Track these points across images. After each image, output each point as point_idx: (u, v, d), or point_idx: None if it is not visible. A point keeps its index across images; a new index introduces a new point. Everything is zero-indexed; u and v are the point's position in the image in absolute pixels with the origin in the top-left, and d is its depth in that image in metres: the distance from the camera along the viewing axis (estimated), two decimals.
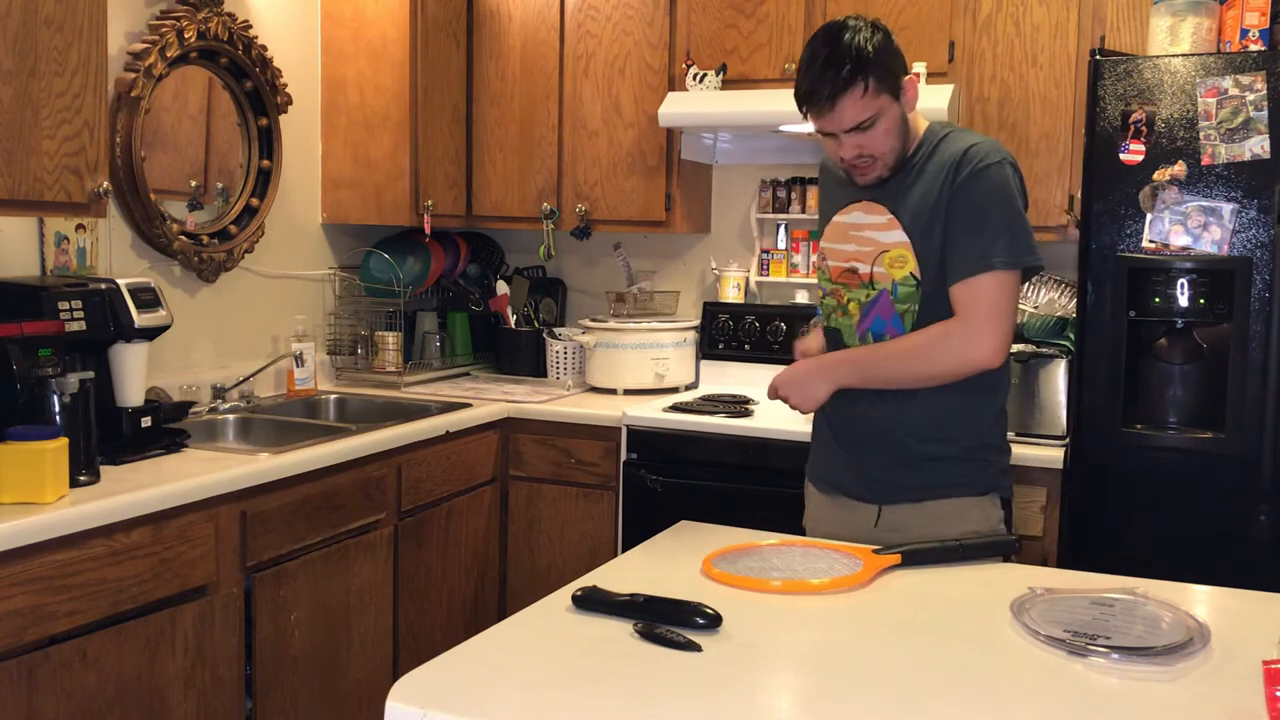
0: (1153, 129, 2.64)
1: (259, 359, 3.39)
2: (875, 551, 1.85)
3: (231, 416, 3.11)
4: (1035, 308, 3.19)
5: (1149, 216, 2.66)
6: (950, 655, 1.49)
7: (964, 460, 2.09)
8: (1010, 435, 2.92)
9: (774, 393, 2.16)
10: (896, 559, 1.83)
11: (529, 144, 3.77)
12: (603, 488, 3.34)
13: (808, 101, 2.01)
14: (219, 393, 3.16)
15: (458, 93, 3.79)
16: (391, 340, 3.71)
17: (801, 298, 3.79)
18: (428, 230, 3.68)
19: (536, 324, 3.96)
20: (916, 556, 1.85)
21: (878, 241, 2.09)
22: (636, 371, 3.63)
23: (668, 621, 1.52)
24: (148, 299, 2.59)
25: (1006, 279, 1.98)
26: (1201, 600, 1.76)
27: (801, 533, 2.21)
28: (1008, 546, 1.92)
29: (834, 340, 2.19)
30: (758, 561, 1.83)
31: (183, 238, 3.10)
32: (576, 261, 4.15)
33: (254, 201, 3.33)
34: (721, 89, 3.45)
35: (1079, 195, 2.85)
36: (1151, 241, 2.66)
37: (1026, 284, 3.36)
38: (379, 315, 3.79)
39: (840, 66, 1.94)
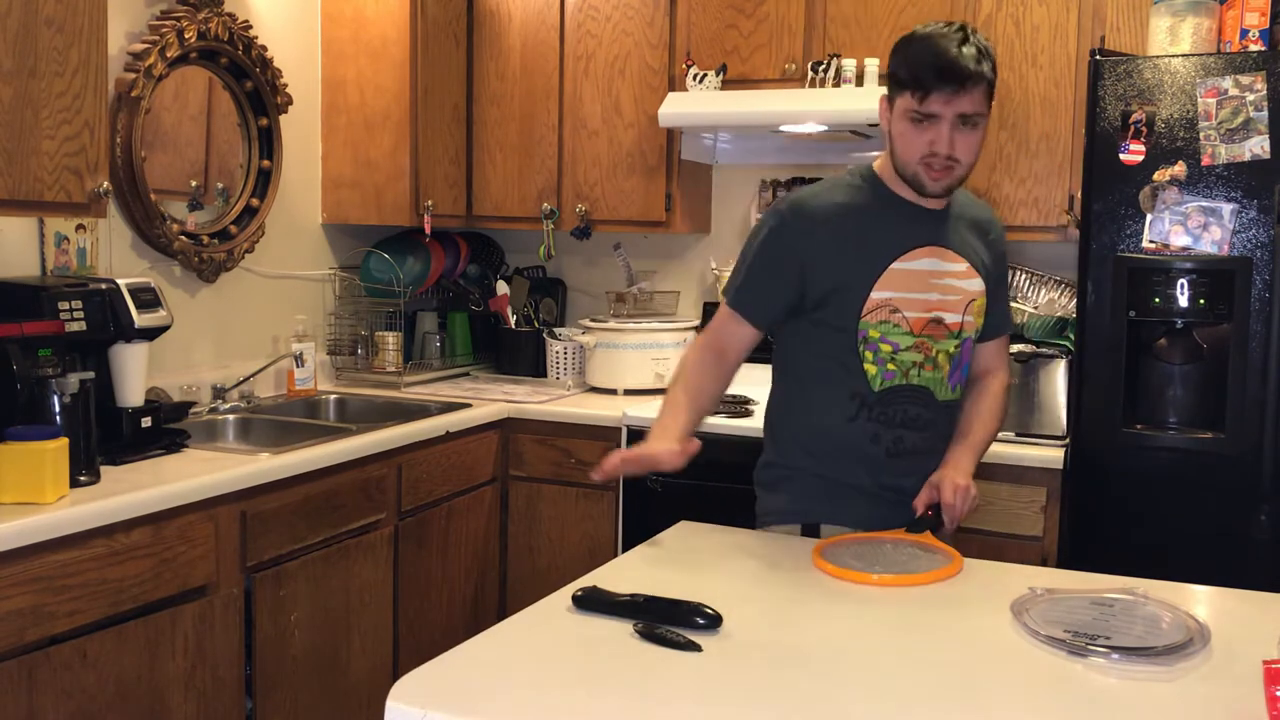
0: (1153, 129, 2.64)
1: (259, 359, 3.39)
2: (908, 529, 1.97)
3: (231, 417, 3.11)
4: (1035, 308, 3.19)
5: (1149, 216, 2.66)
6: (950, 655, 1.49)
7: None
8: (1010, 435, 2.95)
9: (959, 511, 1.98)
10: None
11: (529, 144, 3.77)
12: (603, 488, 3.33)
13: (949, 73, 1.87)
14: (219, 393, 3.16)
15: (458, 93, 3.79)
16: (391, 340, 3.71)
17: None
18: (428, 230, 3.68)
19: (536, 324, 3.96)
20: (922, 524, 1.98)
21: (964, 290, 2.04)
22: (637, 372, 3.63)
23: (668, 621, 1.52)
24: (148, 299, 2.59)
25: None
26: (1201, 600, 1.76)
27: None
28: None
29: (912, 398, 2.02)
30: (862, 556, 1.88)
31: (183, 238, 3.10)
32: (576, 261, 4.15)
33: (254, 201, 3.33)
34: (721, 89, 3.45)
35: (1079, 195, 2.85)
36: (1151, 241, 2.66)
37: (1027, 283, 3.37)
38: (379, 315, 3.79)
39: (982, 58, 1.90)
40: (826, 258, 1.99)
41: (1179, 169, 2.63)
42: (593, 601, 1.60)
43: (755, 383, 3.72)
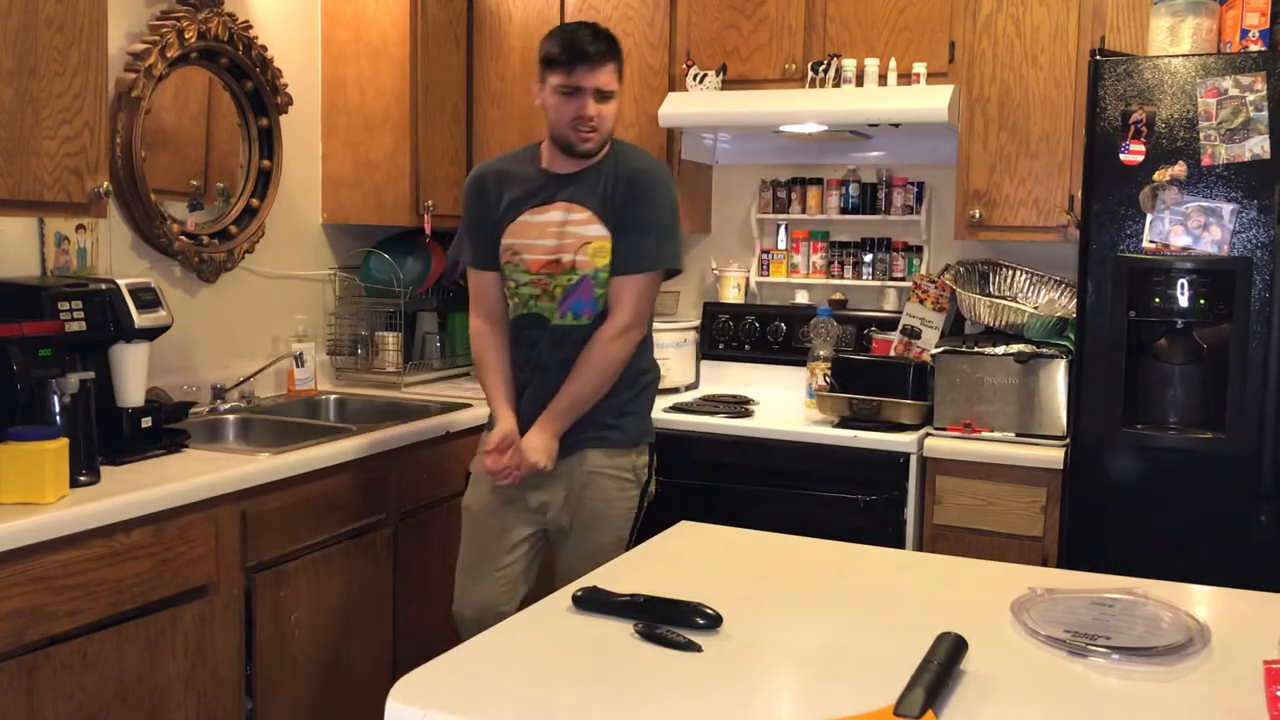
0: (1153, 129, 2.64)
1: (259, 359, 3.39)
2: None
3: (232, 417, 3.11)
4: (1035, 308, 3.19)
5: (1149, 217, 2.66)
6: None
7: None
8: (1010, 435, 2.95)
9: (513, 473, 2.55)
10: None
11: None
12: None
13: (580, 55, 2.41)
14: (219, 393, 3.16)
15: (458, 93, 3.79)
16: (391, 340, 3.71)
17: (802, 298, 3.79)
18: (428, 230, 3.68)
19: None
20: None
21: (581, 234, 2.49)
22: None
23: (668, 622, 1.52)
24: (148, 299, 2.59)
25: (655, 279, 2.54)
26: (1201, 600, 1.76)
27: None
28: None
29: (533, 324, 2.54)
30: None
31: (183, 238, 3.10)
32: None
33: (254, 202, 3.33)
34: (721, 89, 3.45)
35: (1079, 195, 2.85)
36: (1152, 242, 2.66)
37: (1026, 283, 3.37)
38: (379, 315, 3.79)
39: (608, 41, 2.47)
40: (485, 211, 2.60)
41: (1179, 169, 2.63)
42: (593, 601, 1.61)
43: (756, 383, 3.74)
